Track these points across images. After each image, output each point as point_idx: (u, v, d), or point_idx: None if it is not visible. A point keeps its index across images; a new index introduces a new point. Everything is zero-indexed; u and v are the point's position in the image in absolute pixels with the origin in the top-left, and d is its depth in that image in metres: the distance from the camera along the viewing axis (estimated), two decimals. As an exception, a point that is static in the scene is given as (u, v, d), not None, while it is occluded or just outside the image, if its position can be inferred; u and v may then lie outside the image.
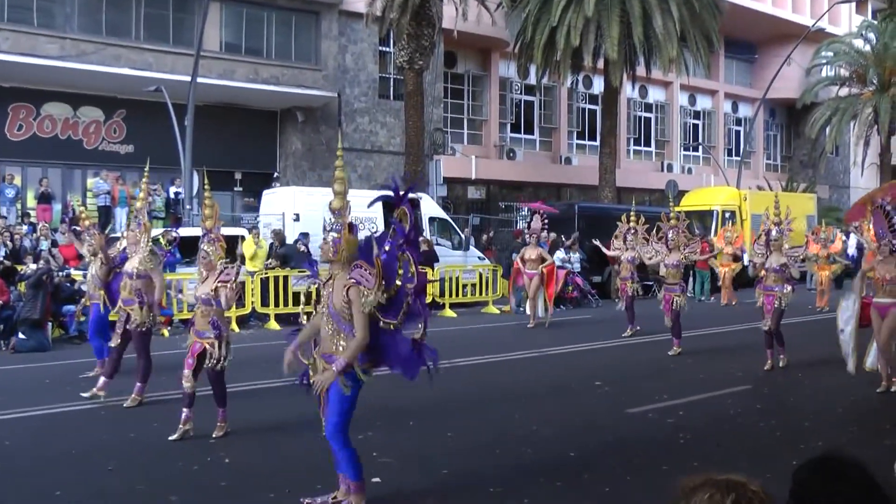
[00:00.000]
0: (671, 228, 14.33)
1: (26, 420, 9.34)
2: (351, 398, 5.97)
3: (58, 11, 23.88)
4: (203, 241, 8.43)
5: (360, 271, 5.85)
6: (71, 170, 24.60)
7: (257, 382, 10.83)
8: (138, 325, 9.98)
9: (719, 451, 7.84)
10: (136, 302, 10.04)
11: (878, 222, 10.63)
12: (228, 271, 8.33)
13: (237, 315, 17.77)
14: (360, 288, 5.80)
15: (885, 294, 10.40)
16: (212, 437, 8.27)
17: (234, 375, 10.11)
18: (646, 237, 16.43)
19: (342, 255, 5.98)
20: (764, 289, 12.53)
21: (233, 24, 26.93)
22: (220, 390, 8.45)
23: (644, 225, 16.87)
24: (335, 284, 5.98)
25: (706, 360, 13.28)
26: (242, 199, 26.84)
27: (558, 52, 28.70)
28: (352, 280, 5.84)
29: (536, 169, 34.85)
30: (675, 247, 14.23)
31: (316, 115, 28.27)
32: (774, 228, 12.45)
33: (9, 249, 17.51)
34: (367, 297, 5.78)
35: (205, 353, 8.33)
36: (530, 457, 7.71)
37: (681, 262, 14.25)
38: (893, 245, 10.39)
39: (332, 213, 6.12)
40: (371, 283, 5.79)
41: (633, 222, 16.95)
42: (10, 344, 14.89)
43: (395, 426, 8.85)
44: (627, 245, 16.79)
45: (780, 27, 41.57)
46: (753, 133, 43.72)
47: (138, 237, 10.36)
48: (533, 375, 12.14)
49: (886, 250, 10.41)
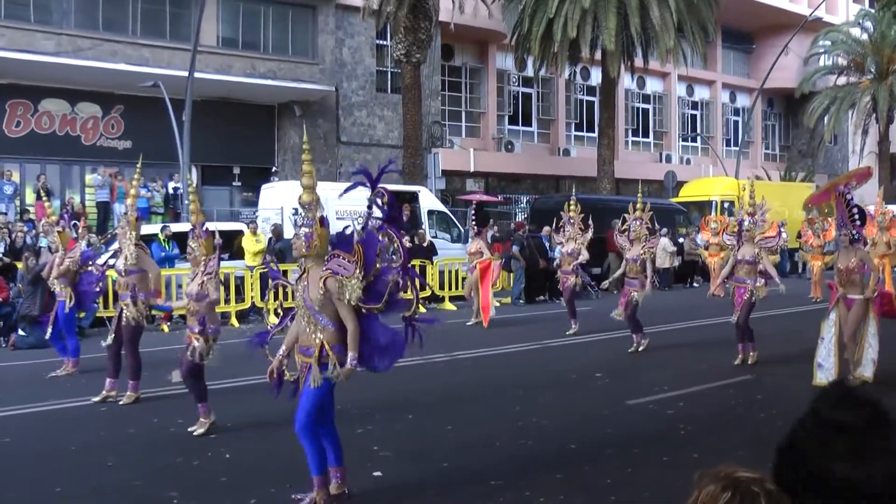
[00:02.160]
0: (635, 220, 13.51)
1: (26, 416, 9.34)
2: (324, 391, 5.95)
3: (54, 7, 23.85)
4: (191, 236, 8.44)
5: (337, 261, 5.83)
6: (69, 166, 24.57)
7: (256, 377, 10.81)
8: (131, 320, 9.91)
9: (720, 442, 7.83)
10: (129, 297, 9.97)
11: (840, 211, 10.38)
12: (210, 264, 8.31)
13: (237, 310, 17.79)
14: (338, 278, 5.77)
15: (848, 286, 10.28)
16: (193, 433, 8.22)
17: (234, 370, 10.12)
18: (581, 227, 15.74)
19: (315, 250, 5.95)
20: (735, 280, 12.06)
21: (229, 19, 26.89)
22: (198, 386, 8.37)
23: (580, 214, 15.91)
24: (310, 278, 5.95)
25: (706, 351, 13.27)
26: (241, 193, 26.82)
27: (555, 43, 28.67)
28: (328, 271, 5.82)
29: (535, 161, 34.85)
30: (636, 238, 13.47)
31: (313, 109, 28.23)
32: (748, 218, 11.96)
33: (7, 246, 17.50)
34: (350, 288, 5.75)
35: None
36: (531, 449, 7.71)
37: (640, 256, 13.36)
38: (853, 234, 10.20)
39: (301, 208, 6.09)
40: (350, 270, 5.77)
41: (573, 212, 15.99)
42: (10, 340, 14.90)
43: (395, 420, 8.85)
44: (567, 236, 15.90)
45: (778, 17, 41.51)
46: (751, 123, 43.73)
47: (126, 233, 10.29)
48: (533, 368, 12.14)
49: (846, 240, 10.23)
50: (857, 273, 10.22)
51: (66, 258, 11.64)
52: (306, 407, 5.91)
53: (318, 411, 5.98)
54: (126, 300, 9.97)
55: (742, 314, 11.90)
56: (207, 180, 26.59)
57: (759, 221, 12.24)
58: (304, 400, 5.95)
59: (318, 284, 5.84)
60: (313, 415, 5.94)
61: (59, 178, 24.17)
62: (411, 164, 27.20)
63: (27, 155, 23.64)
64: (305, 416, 5.91)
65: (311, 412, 5.92)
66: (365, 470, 6.94)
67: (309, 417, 5.92)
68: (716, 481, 1.92)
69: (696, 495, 1.93)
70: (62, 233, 11.85)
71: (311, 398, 5.91)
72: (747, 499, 1.87)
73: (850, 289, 10.28)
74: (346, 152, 29.08)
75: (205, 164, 25.99)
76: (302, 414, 5.92)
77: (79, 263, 11.68)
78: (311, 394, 5.91)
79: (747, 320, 11.96)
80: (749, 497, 1.87)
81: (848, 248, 10.24)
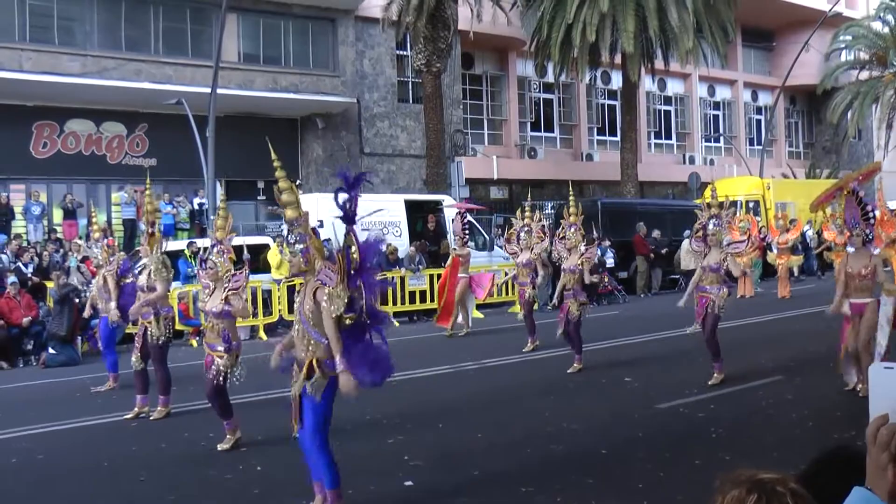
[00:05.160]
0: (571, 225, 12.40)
1: (58, 433, 9.44)
2: (323, 404, 5.88)
3: (78, 29, 24.12)
4: (211, 252, 8.28)
5: (325, 272, 5.79)
6: (95, 185, 24.79)
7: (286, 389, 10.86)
8: (156, 338, 9.91)
9: (751, 444, 7.78)
10: (153, 314, 9.98)
11: (851, 209, 9.60)
12: (237, 278, 8.25)
13: (265, 323, 17.88)
14: (325, 288, 5.72)
15: (859, 291, 9.43)
16: (218, 448, 8.21)
17: (265, 382, 10.16)
18: (541, 234, 14.83)
19: (314, 264, 5.88)
20: (698, 290, 10.89)
21: (250, 34, 27.09)
22: (221, 402, 8.27)
23: (539, 222, 15.14)
24: (306, 290, 5.92)
25: (735, 352, 13.10)
26: (266, 207, 26.94)
27: (575, 48, 28.64)
28: (318, 282, 5.78)
29: (558, 166, 34.79)
30: (573, 247, 12.34)
31: (336, 121, 28.35)
32: (712, 221, 10.82)
33: (36, 266, 17.69)
34: (335, 299, 5.69)
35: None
36: (561, 454, 7.69)
37: (577, 267, 12.11)
38: (866, 234, 9.41)
39: (289, 225, 6.00)
40: (334, 280, 5.72)
41: (528, 219, 14.96)
42: (41, 359, 15.06)
43: (425, 428, 8.85)
44: (521, 246, 14.88)
45: (797, 13, 41.22)
46: (774, 121, 43.42)
47: (149, 249, 10.30)
48: (561, 372, 12.09)
49: (859, 241, 9.39)
50: (868, 279, 9.38)
51: (105, 272, 11.70)
52: (312, 424, 5.86)
53: (325, 424, 5.92)
54: (149, 318, 9.98)
55: (708, 329, 10.75)
56: (232, 195, 26.60)
57: (725, 224, 11.20)
58: (308, 419, 5.89)
59: (310, 296, 5.81)
60: (322, 429, 5.89)
61: (85, 197, 24.38)
62: (434, 174, 27.25)
63: (54, 175, 23.89)
64: (314, 432, 5.86)
65: (319, 426, 5.87)
66: (397, 479, 6.96)
67: (318, 433, 5.87)
68: (739, 485, 1.91)
69: (721, 501, 1.92)
70: (104, 249, 11.88)
71: (315, 414, 5.86)
72: (774, 499, 1.86)
73: (859, 293, 9.45)
74: (370, 163, 29.16)
75: (229, 179, 26.10)
76: (310, 432, 5.87)
77: (117, 276, 11.70)
78: (314, 409, 5.86)
79: (714, 334, 10.80)
80: (776, 497, 1.86)
81: (861, 249, 9.44)
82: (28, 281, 16.86)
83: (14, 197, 22.68)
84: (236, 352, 8.31)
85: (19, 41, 22.96)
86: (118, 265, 11.70)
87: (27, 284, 16.67)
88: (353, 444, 7.67)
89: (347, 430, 6.49)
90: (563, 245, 12.49)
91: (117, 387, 11.74)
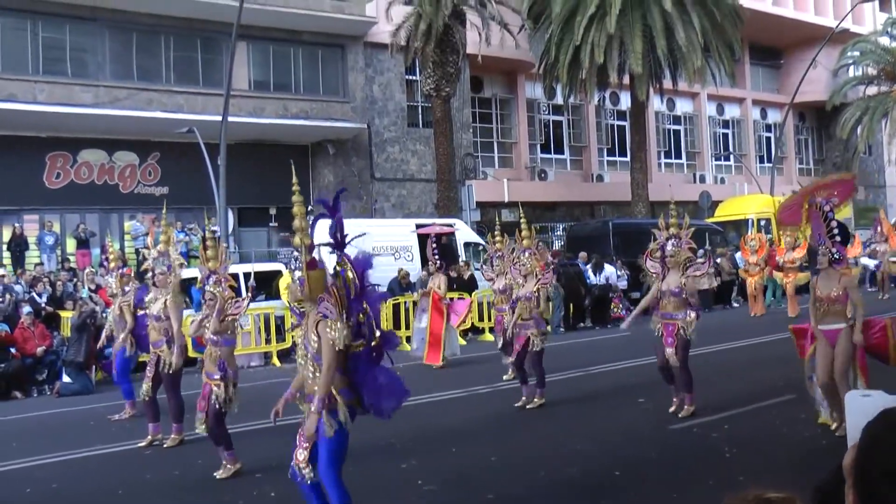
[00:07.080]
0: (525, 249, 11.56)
1: (72, 462, 9.47)
2: (336, 440, 5.69)
3: (90, 60, 24.36)
4: (208, 283, 8.28)
5: (325, 304, 5.66)
6: (108, 214, 24.96)
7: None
8: (168, 367, 9.91)
9: (766, 463, 7.76)
10: (165, 342, 10.01)
11: (816, 224, 8.89)
12: (238, 304, 8.30)
13: (278, 349, 17.92)
14: (327, 321, 5.62)
15: (830, 316, 8.62)
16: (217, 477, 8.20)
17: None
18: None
19: (310, 294, 5.77)
20: (662, 317, 10.10)
21: (260, 62, 27.30)
22: (220, 432, 8.27)
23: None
24: (308, 322, 5.80)
25: (747, 372, 13.12)
26: (278, 234, 27.04)
27: (583, 70, 28.80)
28: (319, 315, 5.67)
29: (568, 188, 34.84)
30: (528, 273, 11.47)
31: (346, 147, 28.50)
32: (670, 242, 10.09)
33: (49, 295, 17.80)
34: (337, 332, 5.58)
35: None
36: (575, 476, 7.69)
37: (534, 294, 11.28)
38: (832, 253, 8.58)
39: (295, 250, 5.94)
40: (334, 313, 5.62)
41: (500, 244, 14.17)
42: (55, 388, 15.11)
43: (438, 452, 8.86)
44: (496, 271, 14.02)
45: (804, 30, 41.33)
46: (784, 138, 43.40)
47: (167, 279, 10.30)
48: (575, 394, 12.08)
49: (825, 261, 8.59)
50: (839, 302, 8.55)
51: (122, 302, 11.79)
52: (326, 459, 5.69)
53: (340, 458, 5.77)
54: (161, 346, 10.02)
55: (679, 357, 9.93)
56: (244, 222, 26.88)
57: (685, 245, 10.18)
58: (323, 453, 5.71)
59: (313, 329, 5.72)
60: (336, 463, 5.72)
61: (98, 226, 24.52)
62: (445, 198, 27.32)
63: (67, 205, 24.09)
64: (328, 467, 5.69)
65: (333, 461, 5.70)
66: (410, 504, 6.97)
67: (332, 467, 5.70)
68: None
69: None
70: (122, 278, 11.96)
71: (329, 448, 5.69)
72: None
73: (831, 318, 8.64)
74: (381, 188, 29.28)
75: (241, 206, 26.28)
76: (325, 467, 5.70)
77: (133, 305, 11.76)
78: (327, 444, 5.69)
79: (686, 363, 10.03)
80: None
81: (828, 271, 8.61)
82: (42, 311, 16.96)
83: (28, 227, 22.89)
84: (233, 380, 8.28)
85: (33, 73, 23.24)
86: (134, 294, 11.76)
87: (41, 314, 16.76)
88: (366, 468, 7.67)
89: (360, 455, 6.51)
90: (518, 271, 11.60)
91: (136, 413, 11.78)
